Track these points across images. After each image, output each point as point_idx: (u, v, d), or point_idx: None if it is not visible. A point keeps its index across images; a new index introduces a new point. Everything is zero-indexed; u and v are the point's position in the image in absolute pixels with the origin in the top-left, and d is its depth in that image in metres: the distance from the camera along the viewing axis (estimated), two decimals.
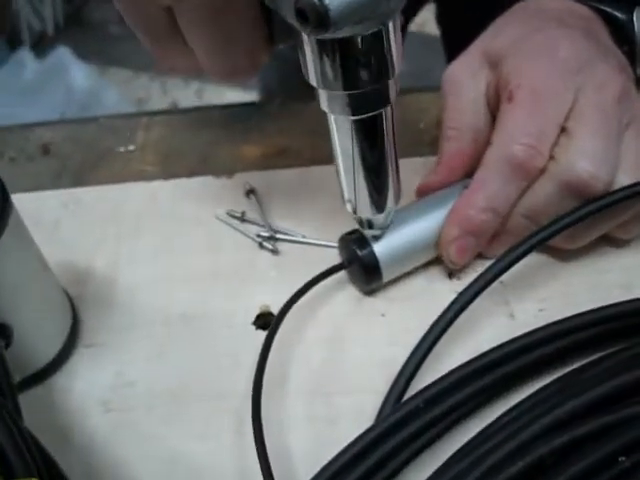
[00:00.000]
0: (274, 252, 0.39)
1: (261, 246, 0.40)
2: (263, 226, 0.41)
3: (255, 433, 0.28)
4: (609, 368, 0.28)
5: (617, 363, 0.28)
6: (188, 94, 2.26)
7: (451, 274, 0.38)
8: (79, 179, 0.48)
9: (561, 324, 0.30)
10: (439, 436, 0.29)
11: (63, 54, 1.99)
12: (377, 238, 0.35)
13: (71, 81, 1.99)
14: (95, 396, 0.34)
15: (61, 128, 0.53)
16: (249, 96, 2.11)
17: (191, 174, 0.47)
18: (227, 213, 0.42)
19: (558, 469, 0.24)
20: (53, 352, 0.34)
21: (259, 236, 0.40)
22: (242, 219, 0.42)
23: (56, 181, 0.49)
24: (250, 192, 0.44)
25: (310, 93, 0.31)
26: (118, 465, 0.31)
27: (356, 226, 0.36)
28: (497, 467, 0.24)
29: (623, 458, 0.24)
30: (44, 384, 0.35)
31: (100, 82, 2.07)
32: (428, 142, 0.47)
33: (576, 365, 0.30)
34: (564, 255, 0.38)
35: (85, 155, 0.50)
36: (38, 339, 0.33)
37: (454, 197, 0.37)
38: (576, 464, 0.24)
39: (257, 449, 0.27)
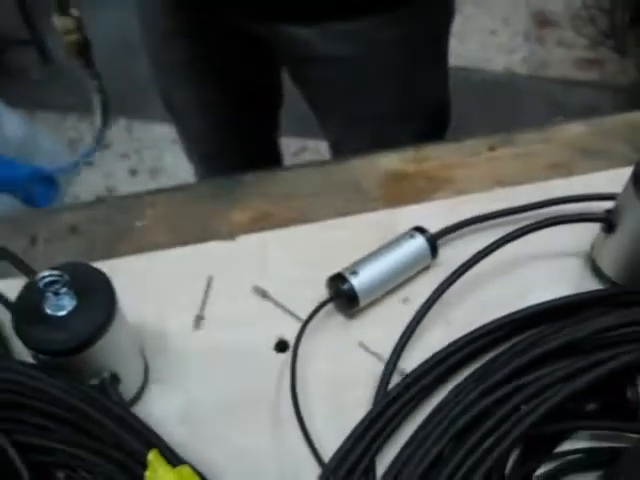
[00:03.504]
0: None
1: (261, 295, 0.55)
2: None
3: (299, 420, 0.43)
4: (514, 353, 0.45)
5: (518, 351, 0.45)
6: (117, 131, 2.34)
7: (405, 300, 0.54)
8: (108, 252, 0.62)
9: (482, 329, 0.47)
10: (415, 407, 0.45)
11: None
12: (355, 275, 0.51)
13: (5, 131, 2.02)
14: (171, 413, 0.49)
15: (81, 209, 0.67)
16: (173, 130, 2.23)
17: (198, 240, 0.61)
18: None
19: (490, 417, 0.41)
20: (138, 386, 0.49)
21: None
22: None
23: (88, 256, 0.62)
24: None
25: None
26: (201, 458, 0.46)
27: (334, 271, 0.52)
28: (454, 419, 0.41)
29: (524, 406, 0.41)
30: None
31: (32, 128, 2.11)
32: (373, 199, 0.63)
33: (491, 355, 0.47)
34: (480, 274, 0.55)
35: (109, 231, 0.64)
36: (130, 380, 0.48)
37: (406, 242, 0.53)
38: (497, 412, 0.41)
39: (301, 429, 0.43)
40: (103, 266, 0.49)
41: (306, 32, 0.80)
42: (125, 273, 0.54)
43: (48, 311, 0.42)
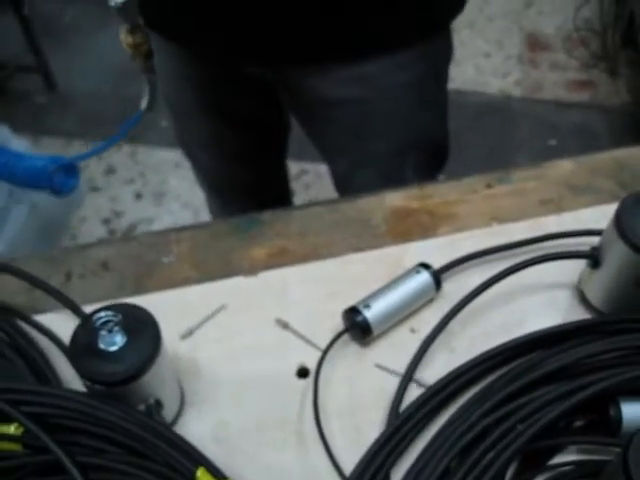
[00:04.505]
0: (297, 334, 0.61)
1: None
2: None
3: (322, 438, 0.49)
4: (511, 377, 0.51)
5: (514, 375, 0.51)
6: (122, 157, 2.40)
7: (413, 330, 0.60)
8: (138, 288, 0.68)
9: (482, 356, 0.53)
10: (425, 425, 0.51)
11: (2, 133, 2.06)
12: (368, 308, 0.57)
13: None
14: (205, 434, 0.55)
15: (110, 246, 0.72)
16: (176, 154, 2.29)
17: (222, 275, 0.67)
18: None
19: (490, 434, 0.47)
20: (176, 410, 0.55)
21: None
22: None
23: (120, 291, 0.68)
24: None
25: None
26: (233, 474, 0.51)
27: (349, 303, 0.58)
28: (460, 436, 0.47)
29: (520, 425, 0.47)
30: None
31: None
32: (381, 234, 0.70)
33: (491, 379, 0.53)
34: (480, 305, 0.61)
35: (138, 267, 0.70)
36: (170, 405, 0.54)
37: (412, 277, 0.59)
38: (497, 430, 0.47)
39: (324, 447, 0.49)
40: (135, 301, 0.54)
41: (314, 77, 0.87)
42: (156, 308, 0.55)
43: (101, 346, 0.48)
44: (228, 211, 1.23)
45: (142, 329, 0.49)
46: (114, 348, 0.48)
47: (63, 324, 0.60)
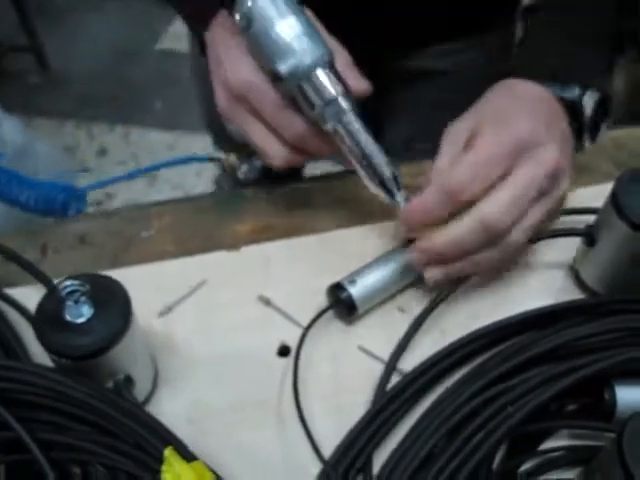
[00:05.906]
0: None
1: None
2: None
3: (301, 420, 0.47)
4: (502, 358, 0.49)
5: (505, 356, 0.49)
6: (114, 138, 2.37)
7: (401, 309, 0.58)
8: (114, 262, 0.65)
9: (472, 334, 0.50)
10: (411, 406, 0.49)
11: None
12: (353, 284, 0.55)
13: (4, 135, 2.03)
14: (178, 413, 0.52)
15: (91, 220, 0.70)
16: (170, 136, 2.26)
17: (203, 250, 0.65)
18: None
19: (479, 416, 0.45)
20: (149, 387, 0.52)
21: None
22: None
23: (95, 265, 0.65)
24: None
25: None
26: (207, 455, 0.49)
27: (333, 280, 0.56)
28: (447, 417, 0.44)
29: (510, 407, 0.45)
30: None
31: (30, 134, 2.13)
32: (370, 212, 0.67)
33: (481, 359, 0.51)
34: (472, 284, 0.58)
35: (116, 241, 0.67)
36: (142, 382, 0.51)
37: (401, 254, 0.57)
38: (486, 412, 0.44)
39: (304, 429, 0.46)
40: (111, 275, 0.51)
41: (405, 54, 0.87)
42: (132, 282, 0.52)
43: (68, 318, 0.45)
44: None
45: (111, 300, 0.46)
46: (81, 320, 0.45)
47: (36, 298, 0.57)
